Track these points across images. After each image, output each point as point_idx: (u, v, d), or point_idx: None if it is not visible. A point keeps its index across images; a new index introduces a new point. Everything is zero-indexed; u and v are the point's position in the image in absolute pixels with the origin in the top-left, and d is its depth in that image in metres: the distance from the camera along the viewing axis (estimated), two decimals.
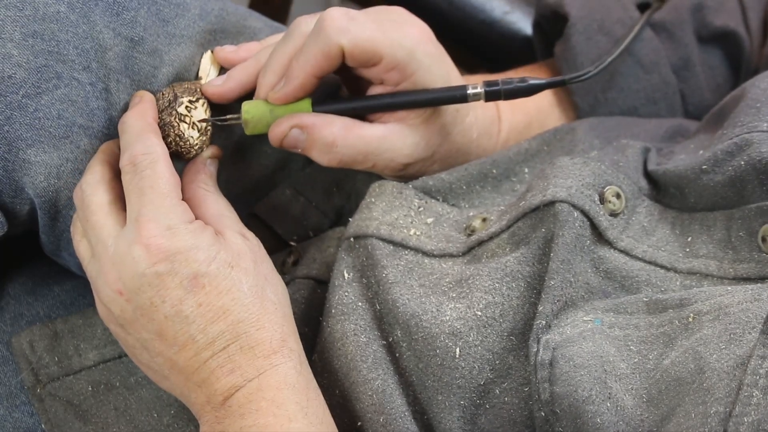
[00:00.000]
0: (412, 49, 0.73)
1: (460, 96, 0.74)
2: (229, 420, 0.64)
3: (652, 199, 0.72)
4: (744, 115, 0.70)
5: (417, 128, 0.76)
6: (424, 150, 0.77)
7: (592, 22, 0.87)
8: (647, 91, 0.88)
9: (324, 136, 0.74)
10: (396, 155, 0.76)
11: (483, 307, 0.67)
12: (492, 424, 0.66)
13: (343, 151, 0.74)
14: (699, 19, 0.89)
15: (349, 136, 0.74)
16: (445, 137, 0.77)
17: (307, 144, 0.74)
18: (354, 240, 0.74)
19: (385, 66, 0.73)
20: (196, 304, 0.64)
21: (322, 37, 0.71)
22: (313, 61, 0.71)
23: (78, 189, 0.70)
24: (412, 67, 0.73)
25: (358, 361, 0.69)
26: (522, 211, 0.69)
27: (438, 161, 0.79)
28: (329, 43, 0.70)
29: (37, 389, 0.78)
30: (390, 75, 0.73)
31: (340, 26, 0.70)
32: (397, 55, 0.72)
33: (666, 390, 0.58)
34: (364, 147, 0.74)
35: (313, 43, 0.71)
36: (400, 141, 0.76)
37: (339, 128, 0.74)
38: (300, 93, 0.73)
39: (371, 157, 0.75)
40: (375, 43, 0.71)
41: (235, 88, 0.75)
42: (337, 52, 0.71)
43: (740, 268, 0.66)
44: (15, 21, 0.69)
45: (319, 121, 0.74)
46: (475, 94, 0.74)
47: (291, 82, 0.72)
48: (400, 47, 0.72)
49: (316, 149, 0.74)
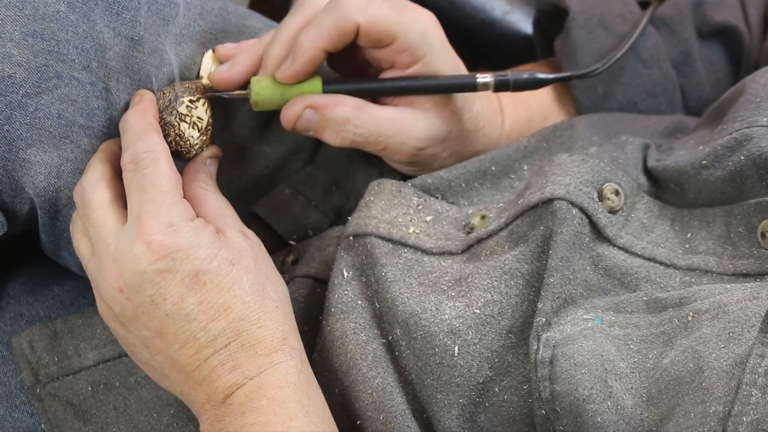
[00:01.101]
0: (425, 32, 0.73)
1: (469, 84, 0.75)
2: (230, 418, 0.64)
3: (652, 195, 0.72)
4: (744, 110, 0.70)
5: (428, 112, 0.76)
6: (435, 134, 0.77)
7: (593, 17, 0.88)
8: (647, 86, 0.88)
9: (336, 114, 0.74)
10: (407, 138, 0.76)
11: (482, 306, 0.67)
12: (491, 422, 0.66)
13: (355, 130, 0.74)
14: (699, 15, 0.89)
15: (361, 115, 0.74)
16: (455, 123, 0.78)
17: (319, 124, 0.74)
18: (353, 238, 0.74)
19: (397, 47, 0.73)
20: (197, 301, 0.64)
21: (338, 13, 0.71)
22: (326, 35, 0.71)
23: (78, 187, 0.70)
24: (424, 50, 0.73)
25: (358, 360, 0.69)
26: (521, 208, 0.69)
27: (448, 148, 0.79)
28: (346, 19, 0.71)
29: (36, 389, 0.78)
30: (401, 57, 0.74)
31: (358, 4, 0.71)
32: (410, 37, 0.72)
33: (665, 389, 0.58)
34: (376, 127, 0.75)
35: (328, 18, 0.71)
36: (412, 124, 0.76)
37: (351, 107, 0.74)
38: (309, 68, 0.73)
39: (383, 138, 0.75)
40: (390, 22, 0.72)
41: (242, 72, 0.75)
42: (352, 29, 0.71)
43: (739, 264, 0.66)
44: (15, 20, 0.69)
45: (331, 101, 0.74)
46: (485, 84, 0.75)
47: (300, 58, 0.72)
48: (413, 29, 0.72)
49: (329, 129, 0.74)
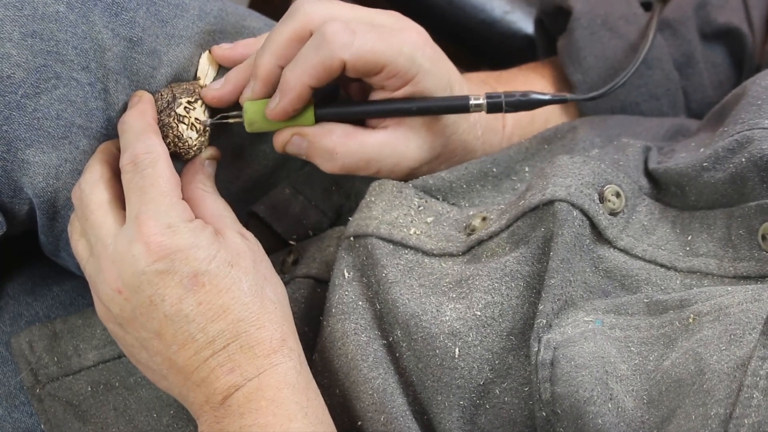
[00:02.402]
0: (412, 55, 0.72)
1: (462, 106, 0.74)
2: (229, 419, 0.64)
3: (653, 198, 0.72)
4: (745, 113, 0.70)
5: (419, 131, 0.76)
6: (428, 152, 0.77)
7: (596, 17, 0.88)
8: (649, 87, 0.88)
9: (324, 144, 0.73)
10: (400, 160, 0.75)
11: (482, 307, 0.67)
12: (492, 424, 0.66)
13: (344, 158, 0.74)
14: (702, 16, 0.88)
15: (349, 143, 0.74)
16: (448, 137, 0.77)
17: (309, 151, 0.74)
18: (354, 239, 0.73)
19: (386, 74, 0.72)
20: (195, 302, 0.64)
21: (323, 51, 0.70)
22: (313, 72, 0.70)
23: (77, 188, 0.70)
24: (413, 72, 0.73)
25: (359, 361, 0.69)
26: (521, 210, 0.69)
27: (444, 162, 0.79)
28: (332, 57, 0.70)
29: (36, 389, 0.78)
30: (391, 81, 0.73)
31: (343, 41, 0.70)
32: (399, 62, 0.72)
33: (666, 391, 0.58)
34: (365, 154, 0.74)
35: (313, 55, 0.70)
36: (404, 145, 0.75)
37: (339, 136, 0.74)
38: (297, 104, 0.72)
39: (374, 163, 0.75)
40: (376, 54, 0.71)
41: (233, 91, 0.75)
42: (338, 66, 0.70)
43: (740, 267, 0.65)
44: (14, 21, 0.69)
45: (318, 131, 0.74)
46: (477, 105, 0.74)
47: (287, 95, 0.71)
48: (400, 54, 0.72)
49: (318, 156, 0.74)
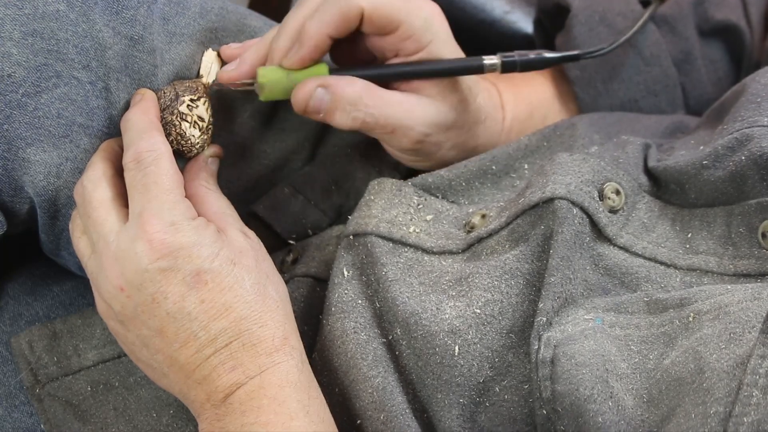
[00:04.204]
0: (429, 20, 0.73)
1: (476, 66, 0.75)
2: (230, 417, 0.64)
3: (653, 195, 0.72)
4: (744, 110, 0.70)
5: (434, 98, 0.76)
6: (441, 120, 0.77)
7: (594, 14, 0.88)
8: (648, 83, 0.88)
9: (348, 93, 0.74)
10: (414, 123, 0.76)
11: (482, 305, 0.67)
12: (492, 422, 0.66)
13: (366, 110, 0.74)
14: (700, 13, 0.89)
15: (372, 95, 0.74)
16: (460, 112, 0.78)
17: (331, 105, 0.74)
18: (353, 238, 0.74)
19: (401, 34, 0.73)
20: (198, 300, 0.64)
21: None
22: (330, 21, 0.71)
23: (79, 185, 0.70)
24: (428, 37, 0.73)
25: (359, 359, 0.69)
26: (521, 208, 0.69)
27: (451, 138, 0.79)
28: (350, 5, 0.71)
29: (36, 389, 0.78)
30: (406, 44, 0.74)
31: None
32: (415, 23, 0.73)
33: (666, 390, 0.58)
34: (386, 108, 0.75)
35: (333, 4, 0.71)
36: (419, 108, 0.76)
37: (362, 87, 0.74)
38: (315, 54, 0.73)
39: (392, 120, 0.75)
40: (394, 8, 0.72)
41: (249, 71, 0.75)
42: (356, 14, 0.71)
43: (740, 265, 0.66)
44: (14, 19, 0.69)
45: (342, 81, 0.74)
46: (492, 65, 0.75)
47: (306, 44, 0.72)
48: (418, 16, 0.73)
49: (340, 109, 0.74)
